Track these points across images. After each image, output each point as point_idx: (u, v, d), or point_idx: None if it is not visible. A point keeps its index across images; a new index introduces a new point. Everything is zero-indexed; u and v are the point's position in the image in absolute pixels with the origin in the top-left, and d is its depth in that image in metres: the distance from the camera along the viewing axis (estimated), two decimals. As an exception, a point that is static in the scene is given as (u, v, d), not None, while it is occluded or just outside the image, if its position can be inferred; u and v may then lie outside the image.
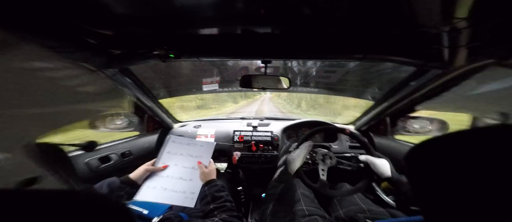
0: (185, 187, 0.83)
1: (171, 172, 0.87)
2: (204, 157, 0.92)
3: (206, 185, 0.78)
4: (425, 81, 0.82)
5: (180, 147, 0.94)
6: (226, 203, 0.69)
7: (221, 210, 0.67)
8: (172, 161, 0.89)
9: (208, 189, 0.76)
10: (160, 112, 1.38)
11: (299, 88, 1.72)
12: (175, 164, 0.89)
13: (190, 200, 0.79)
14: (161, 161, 0.89)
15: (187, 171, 0.87)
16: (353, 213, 0.85)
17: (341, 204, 0.95)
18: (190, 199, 0.79)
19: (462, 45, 0.51)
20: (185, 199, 0.80)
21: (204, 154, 0.93)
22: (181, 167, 0.89)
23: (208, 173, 0.83)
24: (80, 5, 0.51)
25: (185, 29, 0.67)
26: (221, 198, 0.71)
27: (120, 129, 1.32)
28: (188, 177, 0.86)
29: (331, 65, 1.38)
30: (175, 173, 0.87)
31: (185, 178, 0.85)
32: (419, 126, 1.28)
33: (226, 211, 0.66)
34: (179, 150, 0.93)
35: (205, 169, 0.84)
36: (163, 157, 0.90)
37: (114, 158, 1.04)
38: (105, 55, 0.73)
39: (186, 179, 0.85)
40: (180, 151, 0.93)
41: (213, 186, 0.77)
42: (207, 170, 0.84)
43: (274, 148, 1.36)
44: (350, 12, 0.54)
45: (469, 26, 0.44)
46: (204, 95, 5.59)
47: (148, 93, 1.19)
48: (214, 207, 0.68)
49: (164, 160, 0.89)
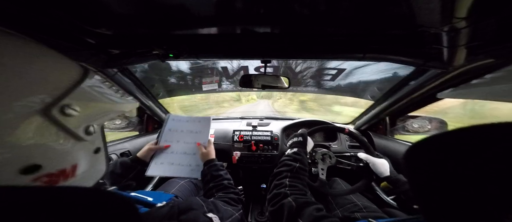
0: (190, 161, 0.88)
1: (175, 148, 0.92)
2: (203, 132, 0.95)
3: (206, 164, 0.81)
4: (425, 81, 0.82)
5: (180, 124, 0.98)
6: (223, 181, 0.73)
7: (218, 188, 0.71)
8: (174, 138, 0.94)
9: (208, 168, 0.79)
10: (159, 112, 1.38)
11: (298, 88, 1.72)
12: (177, 141, 0.93)
13: (197, 172, 0.84)
14: (163, 138, 0.93)
15: (189, 146, 0.92)
16: (350, 212, 0.85)
17: (337, 203, 0.95)
18: (196, 171, 0.85)
19: (461, 45, 0.51)
20: (192, 171, 0.86)
21: (202, 129, 0.96)
22: (183, 143, 0.93)
23: (206, 153, 0.85)
24: (79, 5, 0.51)
25: (184, 29, 0.67)
26: (219, 176, 0.75)
27: (120, 128, 1.32)
28: (191, 151, 0.91)
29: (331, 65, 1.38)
30: (178, 148, 0.92)
31: (189, 152, 0.90)
32: (418, 125, 1.28)
33: (223, 189, 0.70)
34: (180, 126, 0.97)
35: (204, 149, 0.87)
36: (165, 134, 0.94)
37: (113, 157, 1.04)
38: (105, 55, 0.73)
39: (190, 153, 0.90)
40: (181, 128, 0.96)
41: (212, 165, 0.80)
42: (205, 151, 0.86)
43: (274, 148, 1.36)
44: (349, 12, 0.54)
45: (468, 25, 0.44)
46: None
47: (147, 93, 1.19)
48: (213, 186, 0.72)
49: (166, 138, 0.94)
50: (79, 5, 0.51)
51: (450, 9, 0.40)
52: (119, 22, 0.61)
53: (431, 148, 0.28)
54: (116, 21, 0.60)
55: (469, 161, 0.22)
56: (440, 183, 0.25)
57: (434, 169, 0.26)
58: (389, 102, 1.10)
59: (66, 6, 0.50)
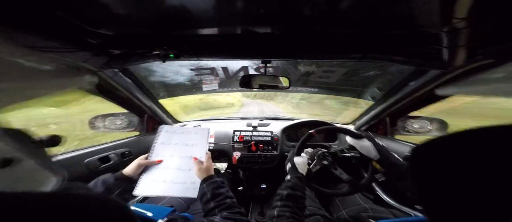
0: (185, 178, 0.79)
1: (168, 163, 0.82)
2: (200, 145, 0.87)
3: (204, 181, 0.74)
4: (425, 81, 0.82)
5: (174, 136, 0.89)
6: (226, 200, 0.67)
7: (221, 207, 0.64)
8: (167, 152, 0.84)
9: (207, 186, 0.72)
10: (160, 112, 1.38)
11: (298, 88, 1.72)
12: (170, 155, 0.84)
13: (192, 190, 0.75)
14: (155, 152, 0.84)
15: (184, 161, 0.82)
16: (356, 213, 0.85)
17: (344, 204, 0.95)
18: (192, 189, 0.75)
19: (461, 45, 0.52)
20: (187, 190, 0.76)
21: (199, 142, 0.88)
22: (177, 157, 0.84)
23: (204, 169, 0.77)
24: (80, 5, 0.51)
25: (185, 29, 0.67)
26: (221, 194, 0.68)
27: (120, 128, 1.32)
28: (186, 167, 0.81)
29: (331, 65, 1.38)
30: (172, 163, 0.82)
31: (183, 168, 0.81)
32: (419, 126, 1.28)
33: (227, 209, 0.64)
34: (173, 139, 0.88)
35: (201, 165, 0.79)
36: (157, 148, 0.85)
37: (113, 158, 1.04)
38: (105, 55, 0.73)
39: (184, 170, 0.81)
40: (175, 141, 0.88)
41: (212, 183, 0.73)
42: (203, 166, 0.78)
43: (274, 148, 1.36)
44: (349, 12, 0.54)
45: (468, 26, 0.44)
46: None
47: (148, 93, 1.19)
48: (215, 205, 0.65)
49: (158, 151, 0.84)
50: (79, 5, 0.51)
51: (450, 9, 0.41)
52: (119, 23, 0.61)
53: (437, 150, 0.27)
54: (117, 21, 0.60)
55: (478, 162, 0.22)
56: (447, 184, 0.24)
57: (441, 170, 0.25)
58: (389, 103, 1.10)
59: (67, 6, 0.50)
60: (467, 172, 0.23)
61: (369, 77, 1.31)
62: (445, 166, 0.25)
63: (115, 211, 0.23)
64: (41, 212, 0.18)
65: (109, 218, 0.22)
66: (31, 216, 0.17)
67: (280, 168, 1.39)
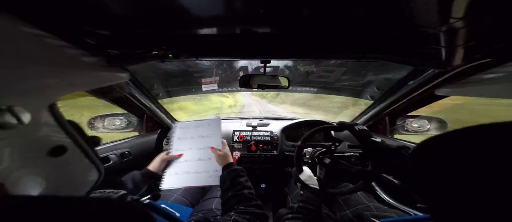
0: (207, 167, 0.83)
1: (188, 155, 0.87)
2: (215, 134, 0.90)
3: (225, 169, 0.75)
4: (423, 81, 0.82)
5: (189, 130, 0.94)
6: (243, 190, 0.67)
7: (238, 198, 0.65)
8: (185, 146, 0.89)
9: (227, 174, 0.73)
10: (159, 112, 1.38)
11: (298, 88, 1.73)
12: (189, 148, 0.89)
13: (215, 178, 0.78)
14: (174, 148, 0.89)
15: (203, 152, 0.87)
16: (360, 212, 0.85)
17: (347, 204, 0.95)
18: (215, 177, 0.79)
19: (459, 45, 0.52)
20: (210, 178, 0.80)
21: (213, 132, 0.91)
22: (195, 149, 0.88)
23: (223, 156, 0.80)
24: (78, 5, 0.51)
25: (183, 29, 0.67)
26: (239, 184, 0.69)
27: (119, 129, 1.32)
28: (206, 156, 0.85)
29: (330, 65, 1.38)
30: (192, 156, 0.87)
31: (203, 158, 0.85)
32: (418, 125, 1.29)
33: (243, 201, 0.64)
34: (189, 133, 0.93)
35: (220, 152, 0.82)
36: (175, 144, 0.90)
37: (113, 158, 1.04)
38: (104, 55, 0.73)
39: (204, 159, 0.85)
40: (191, 135, 0.92)
41: (231, 170, 0.74)
42: (221, 153, 0.81)
43: (273, 148, 1.36)
44: (349, 12, 0.54)
45: (465, 25, 0.44)
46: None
47: (147, 94, 1.19)
48: (232, 195, 0.66)
49: (177, 147, 0.89)
50: (78, 5, 0.51)
51: (448, 9, 0.41)
52: (118, 23, 0.61)
53: (440, 147, 0.27)
54: (116, 21, 0.60)
55: (484, 159, 0.22)
56: (452, 182, 0.24)
57: (445, 168, 0.25)
58: (388, 102, 1.11)
59: (66, 6, 0.50)
60: (472, 170, 0.22)
61: (368, 77, 1.31)
62: (449, 164, 0.24)
63: (134, 215, 0.23)
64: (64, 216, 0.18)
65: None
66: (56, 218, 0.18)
67: (280, 167, 1.39)
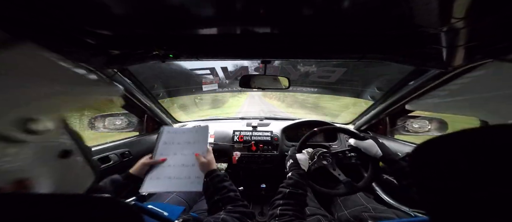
0: (189, 173, 0.82)
1: (172, 161, 0.85)
2: (201, 142, 0.89)
3: (207, 176, 0.76)
4: (424, 81, 0.82)
5: (175, 135, 0.92)
6: (229, 193, 0.68)
7: (225, 201, 0.66)
8: (170, 151, 0.88)
9: (210, 180, 0.74)
10: (159, 112, 1.38)
11: (298, 88, 1.73)
12: (174, 153, 0.87)
13: (197, 185, 0.78)
14: (159, 152, 0.88)
15: (187, 158, 0.86)
16: (358, 213, 0.85)
17: (346, 205, 0.95)
18: (196, 183, 0.78)
19: (460, 45, 0.52)
20: (192, 184, 0.79)
21: (200, 139, 0.91)
22: (180, 154, 0.87)
23: (207, 163, 0.80)
24: (79, 5, 0.51)
25: (184, 29, 0.67)
26: (224, 188, 0.70)
27: (120, 129, 1.32)
28: (189, 162, 0.84)
29: (331, 65, 1.38)
30: (176, 161, 0.85)
31: (187, 164, 0.84)
32: (418, 126, 1.29)
33: (231, 202, 0.65)
34: (175, 138, 0.91)
35: (203, 159, 0.81)
36: (160, 148, 0.89)
37: (113, 158, 1.04)
38: (104, 55, 0.73)
39: (188, 165, 0.84)
40: (177, 140, 0.91)
41: (214, 176, 0.75)
42: (205, 160, 0.81)
43: (273, 148, 1.36)
44: (349, 12, 0.54)
45: (466, 26, 0.44)
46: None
47: (147, 94, 1.19)
48: (219, 199, 0.67)
49: (162, 151, 0.88)
50: (78, 5, 0.51)
51: (449, 9, 0.41)
52: (119, 23, 0.61)
53: (441, 148, 0.27)
54: (116, 21, 0.60)
55: (484, 160, 0.22)
56: (452, 183, 0.24)
57: (445, 169, 0.25)
58: (388, 103, 1.10)
59: (66, 6, 0.50)
60: (472, 170, 0.22)
61: (368, 77, 1.31)
62: (449, 165, 0.24)
63: (123, 213, 0.23)
64: (52, 212, 0.18)
65: (118, 220, 0.22)
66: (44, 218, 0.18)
67: (280, 167, 1.39)
